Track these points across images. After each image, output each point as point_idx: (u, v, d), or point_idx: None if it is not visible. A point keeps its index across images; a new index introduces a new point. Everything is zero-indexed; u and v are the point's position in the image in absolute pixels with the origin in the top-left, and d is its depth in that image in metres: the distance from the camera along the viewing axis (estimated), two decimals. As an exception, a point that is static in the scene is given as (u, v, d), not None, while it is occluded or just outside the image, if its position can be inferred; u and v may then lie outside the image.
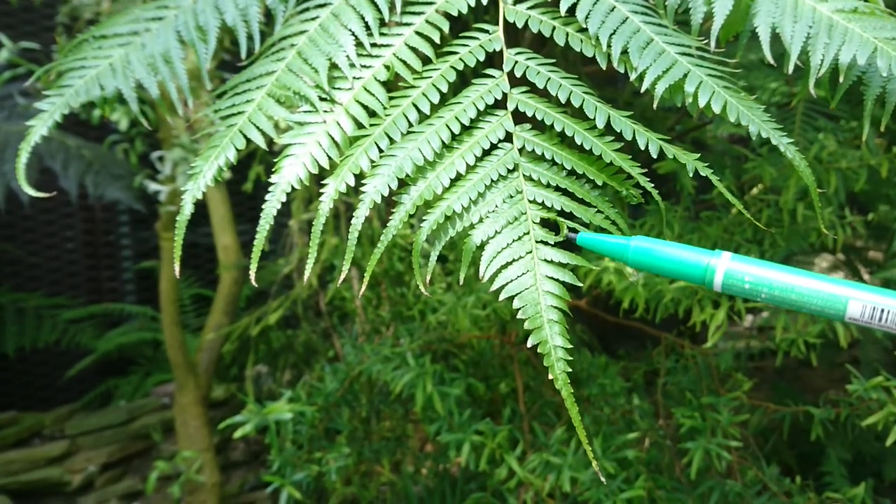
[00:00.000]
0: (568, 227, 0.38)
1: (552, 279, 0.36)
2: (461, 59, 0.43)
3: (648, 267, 0.39)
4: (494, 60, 0.46)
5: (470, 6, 0.44)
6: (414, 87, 0.42)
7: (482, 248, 0.37)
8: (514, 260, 0.37)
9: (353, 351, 1.50)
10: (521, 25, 0.44)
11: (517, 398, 1.41)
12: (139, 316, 2.46)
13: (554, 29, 0.44)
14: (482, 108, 0.41)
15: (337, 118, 0.42)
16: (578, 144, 0.39)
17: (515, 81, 0.43)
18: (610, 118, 0.40)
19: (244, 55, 0.48)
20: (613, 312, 1.32)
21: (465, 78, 0.46)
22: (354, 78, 0.43)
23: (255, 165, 1.68)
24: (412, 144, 0.40)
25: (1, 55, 1.65)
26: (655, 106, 0.39)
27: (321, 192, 0.39)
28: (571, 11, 0.44)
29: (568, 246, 0.37)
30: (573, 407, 0.34)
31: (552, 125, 0.40)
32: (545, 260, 0.36)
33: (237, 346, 1.92)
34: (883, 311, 0.34)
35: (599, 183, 0.39)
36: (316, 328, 1.98)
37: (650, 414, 1.43)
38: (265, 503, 2.00)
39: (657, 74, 0.40)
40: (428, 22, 0.44)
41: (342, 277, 0.38)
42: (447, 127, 0.40)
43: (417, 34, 0.44)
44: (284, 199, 0.40)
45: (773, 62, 0.42)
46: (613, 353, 1.92)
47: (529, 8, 0.46)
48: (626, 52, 0.42)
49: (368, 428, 1.56)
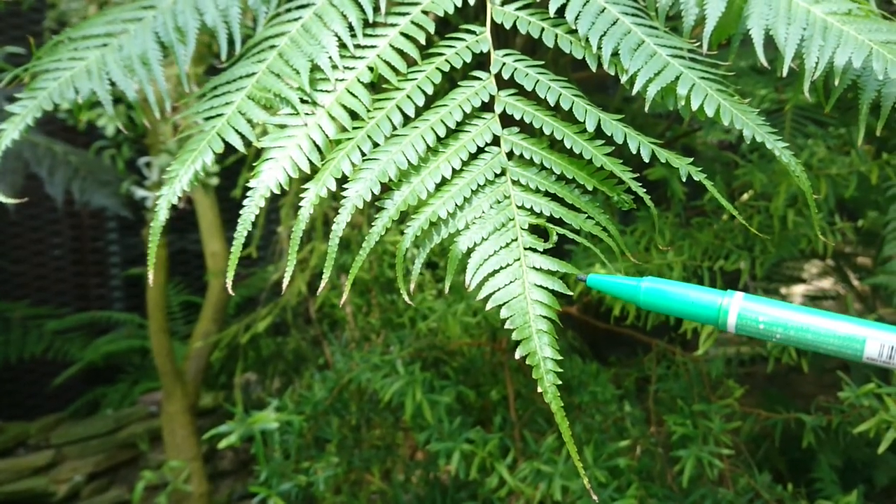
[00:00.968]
0: (578, 276, 0.37)
1: (541, 287, 0.35)
2: (447, 60, 0.42)
3: (660, 308, 0.38)
4: (484, 62, 0.44)
5: (457, 7, 0.43)
6: (398, 89, 0.41)
7: (469, 255, 0.36)
8: (501, 268, 0.35)
9: (342, 359, 1.48)
10: (508, 26, 0.43)
11: (508, 405, 1.39)
12: (127, 323, 2.43)
13: (543, 30, 0.43)
14: (469, 110, 0.40)
15: (318, 121, 0.41)
16: (568, 148, 0.38)
17: (503, 84, 0.42)
18: (600, 121, 0.39)
19: (224, 57, 0.47)
20: (605, 319, 1.31)
21: (454, 80, 0.45)
22: (337, 80, 0.42)
23: (244, 171, 1.66)
24: (396, 148, 0.38)
25: (-14, 59, 1.63)
26: (647, 109, 0.38)
27: (302, 196, 0.38)
28: (561, 13, 0.43)
29: (557, 252, 0.36)
30: (563, 421, 0.32)
31: (541, 129, 0.39)
32: (533, 268, 0.35)
33: (226, 353, 1.89)
34: None
35: (590, 188, 0.38)
36: (305, 335, 1.96)
37: (642, 421, 1.42)
38: (254, 513, 1.98)
39: (649, 77, 0.39)
40: (413, 23, 0.43)
41: (323, 284, 0.36)
42: (432, 130, 0.39)
43: (402, 35, 0.43)
44: (263, 203, 0.39)
45: (766, 65, 0.41)
46: (605, 359, 1.91)
47: (518, 9, 0.44)
48: (616, 53, 0.41)
49: (358, 436, 1.54)
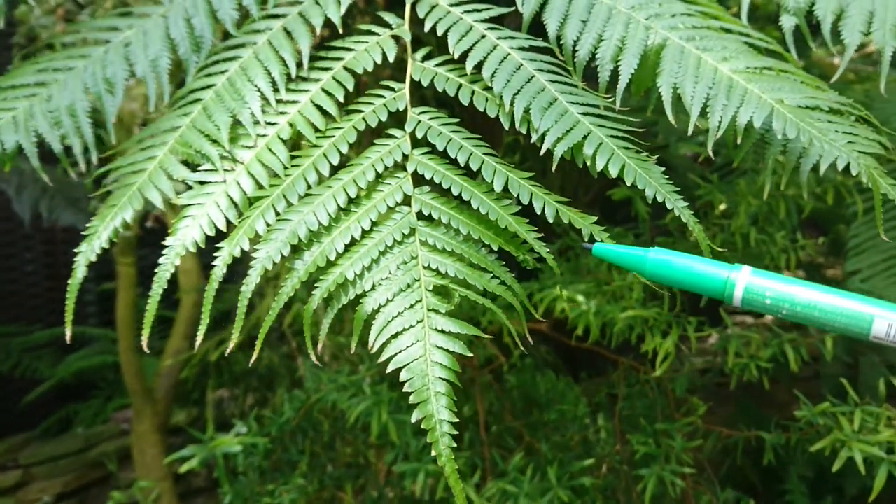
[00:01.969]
0: (584, 244, 0.38)
1: (442, 349, 0.35)
2: (364, 118, 0.43)
3: (666, 280, 0.39)
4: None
5: (376, 63, 0.44)
6: (316, 146, 0.42)
7: (374, 315, 0.37)
8: (404, 329, 0.36)
9: (311, 377, 1.48)
10: (426, 84, 0.44)
11: (480, 422, 1.40)
12: (101, 338, 2.41)
13: (460, 87, 0.44)
14: (382, 170, 0.41)
15: (237, 177, 0.41)
16: (476, 208, 0.39)
17: (418, 141, 0.42)
18: (508, 181, 0.40)
19: (152, 107, 0.48)
20: (579, 335, 1.32)
21: (378, 132, 0.45)
22: (258, 135, 0.43)
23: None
24: (308, 208, 0.39)
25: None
26: (554, 169, 0.39)
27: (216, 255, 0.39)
28: (479, 68, 0.44)
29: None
30: (457, 484, 0.33)
31: (450, 188, 0.40)
32: (436, 329, 0.36)
33: (198, 370, 1.89)
34: None
35: (495, 248, 0.39)
36: (278, 352, 1.96)
37: (610, 435, 1.43)
38: (227, 531, 1.96)
39: (557, 136, 0.40)
40: (334, 79, 0.44)
41: (231, 346, 0.37)
42: (344, 190, 0.40)
43: (323, 91, 0.44)
44: (178, 262, 0.39)
45: (674, 122, 0.43)
46: (579, 372, 1.92)
47: (438, 65, 0.45)
48: (528, 111, 0.42)
49: (331, 454, 1.55)
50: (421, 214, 0.40)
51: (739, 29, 0.51)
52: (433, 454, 1.18)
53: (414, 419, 0.33)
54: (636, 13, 0.47)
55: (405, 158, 0.41)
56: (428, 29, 0.45)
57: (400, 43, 0.47)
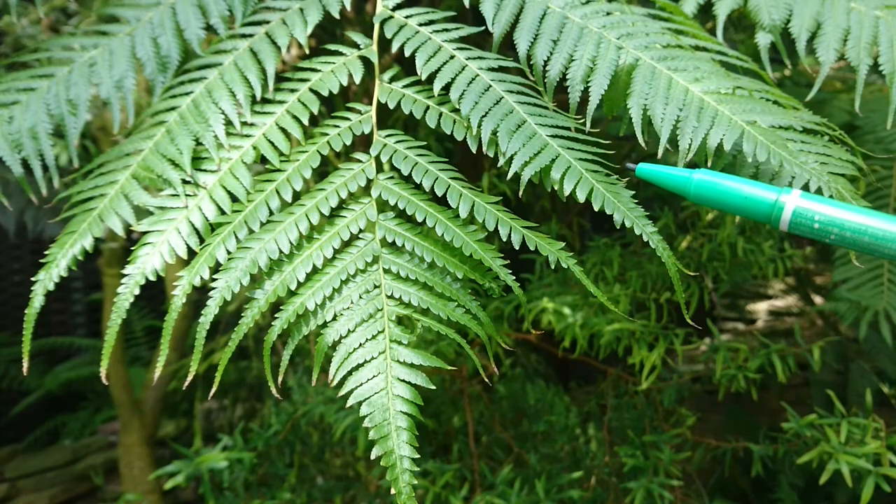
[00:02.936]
0: (627, 164, 0.37)
1: (404, 382, 0.35)
2: (328, 142, 0.42)
3: (712, 202, 0.37)
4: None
5: (342, 85, 0.43)
6: (280, 170, 0.41)
7: (335, 347, 0.36)
8: (366, 361, 0.35)
9: (298, 391, 1.47)
10: (392, 106, 0.43)
11: (469, 433, 1.39)
12: (89, 349, 2.39)
13: (427, 109, 0.43)
14: (346, 195, 0.40)
15: (199, 203, 0.41)
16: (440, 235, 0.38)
17: (383, 166, 0.42)
18: (474, 206, 0.39)
19: (116, 129, 0.47)
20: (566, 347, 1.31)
21: (345, 153, 0.45)
22: (222, 159, 0.42)
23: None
24: (269, 235, 0.38)
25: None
26: (521, 193, 0.38)
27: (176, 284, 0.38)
28: (448, 89, 0.44)
29: (420, 345, 0.36)
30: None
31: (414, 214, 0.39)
32: (399, 361, 0.35)
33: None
34: None
35: (460, 276, 0.38)
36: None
37: (599, 446, 1.42)
38: (215, 544, 1.94)
39: (525, 160, 0.40)
40: (300, 101, 0.43)
41: (189, 379, 0.36)
42: (307, 217, 0.39)
43: (288, 114, 0.43)
44: (138, 291, 0.38)
45: (644, 144, 0.42)
46: (570, 381, 1.91)
47: (405, 86, 0.45)
48: (496, 133, 0.41)
49: (320, 466, 1.53)
50: (385, 241, 0.39)
51: (715, 47, 0.51)
52: (419, 470, 1.16)
53: (373, 456, 0.32)
54: (607, 32, 0.46)
55: (369, 183, 0.41)
56: (395, 49, 0.44)
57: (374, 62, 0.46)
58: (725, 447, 1.26)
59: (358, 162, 0.42)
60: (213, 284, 0.37)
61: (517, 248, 0.37)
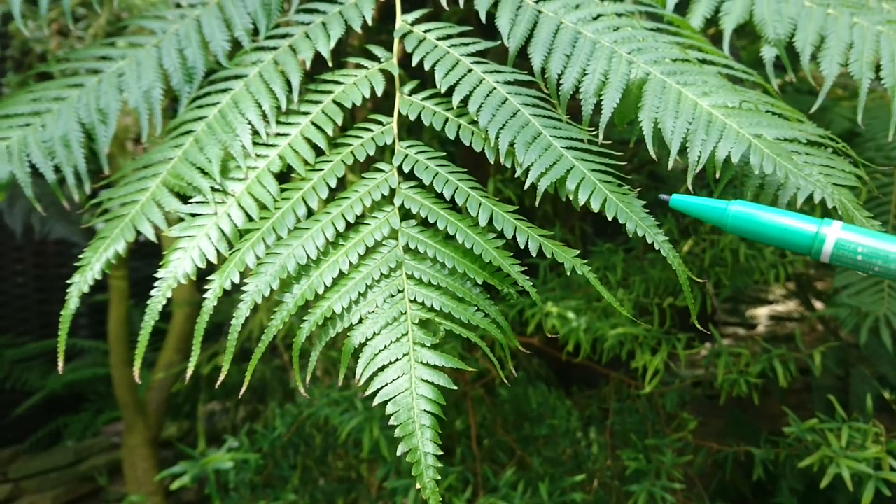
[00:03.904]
0: (660, 195, 0.38)
1: (427, 383, 0.36)
2: (352, 152, 0.43)
3: (749, 233, 0.37)
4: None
5: (365, 97, 0.45)
6: (306, 179, 0.43)
7: (361, 349, 0.37)
8: (391, 362, 0.37)
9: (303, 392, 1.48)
10: (413, 118, 0.45)
11: (471, 436, 1.41)
12: (92, 350, 2.40)
13: (447, 121, 0.45)
14: (370, 203, 0.42)
15: (228, 210, 0.42)
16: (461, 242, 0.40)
17: (406, 175, 0.43)
18: (493, 215, 0.40)
19: (144, 138, 0.48)
20: (570, 350, 1.33)
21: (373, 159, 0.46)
22: (249, 168, 0.44)
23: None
24: (297, 242, 0.40)
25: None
26: (537, 202, 0.40)
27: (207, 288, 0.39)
28: (466, 101, 0.45)
29: (441, 347, 0.38)
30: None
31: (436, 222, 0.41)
32: (422, 363, 0.37)
33: (190, 382, 1.88)
34: None
35: (480, 281, 0.39)
36: (270, 365, 1.96)
37: (601, 450, 1.44)
38: (218, 545, 1.95)
39: (541, 170, 0.41)
40: (324, 112, 0.45)
41: (221, 379, 0.38)
42: (332, 224, 0.40)
43: (313, 124, 0.45)
44: (170, 294, 0.40)
45: (655, 157, 0.44)
46: (571, 385, 1.93)
47: (425, 99, 0.46)
48: (513, 144, 0.43)
49: (322, 468, 1.55)
50: (407, 248, 0.41)
51: (721, 60, 0.53)
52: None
53: (399, 452, 0.34)
54: (619, 47, 0.48)
55: (392, 192, 0.42)
56: (415, 63, 0.46)
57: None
58: (727, 451, 1.28)
59: (381, 172, 0.43)
60: (244, 288, 0.39)
61: (523, 252, 0.39)
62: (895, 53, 0.54)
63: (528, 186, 0.41)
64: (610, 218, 0.40)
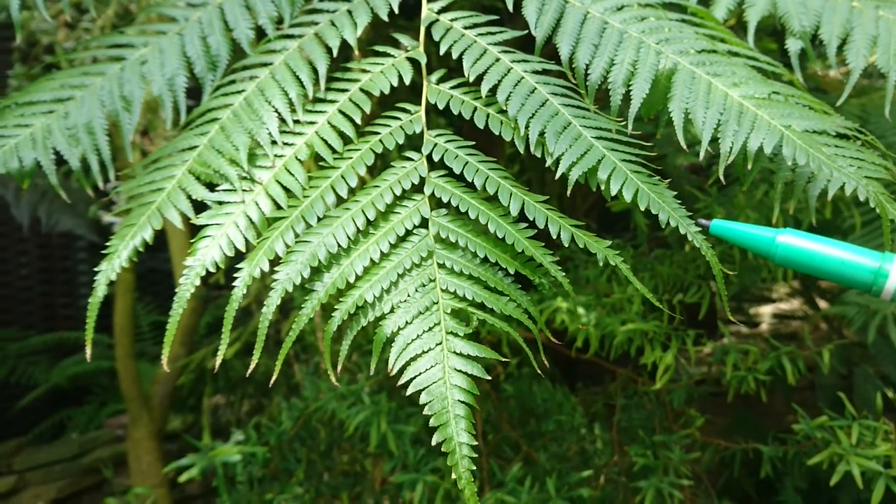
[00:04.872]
0: (700, 221, 0.35)
1: (460, 372, 0.36)
2: (381, 140, 0.43)
3: (800, 266, 0.35)
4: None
5: (392, 86, 0.45)
6: (334, 167, 0.42)
7: (393, 338, 0.37)
8: (423, 352, 0.37)
9: (310, 386, 1.48)
10: (442, 107, 0.45)
11: (476, 432, 1.41)
12: (96, 343, 2.41)
13: (475, 110, 0.44)
14: (399, 192, 0.41)
15: (256, 198, 0.42)
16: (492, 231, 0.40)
17: (435, 164, 0.43)
18: (524, 205, 0.40)
19: (169, 125, 0.48)
20: (576, 346, 1.32)
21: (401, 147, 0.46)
22: (276, 156, 0.43)
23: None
24: (327, 230, 0.39)
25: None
26: (569, 193, 0.40)
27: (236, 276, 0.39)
28: (494, 91, 0.45)
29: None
30: (472, 497, 0.34)
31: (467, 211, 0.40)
32: (455, 352, 0.37)
33: (195, 376, 1.88)
34: None
35: (511, 271, 0.39)
36: (275, 358, 1.96)
37: (607, 446, 1.44)
38: (222, 538, 1.96)
39: (572, 160, 0.41)
40: (351, 100, 0.45)
41: (252, 366, 0.37)
42: (363, 212, 0.40)
43: (340, 113, 0.44)
44: (199, 282, 0.40)
45: (685, 147, 0.43)
46: (576, 382, 1.93)
47: (452, 87, 0.46)
48: (543, 134, 0.42)
49: (327, 462, 1.55)
50: (438, 237, 0.40)
51: (746, 52, 0.52)
52: (430, 466, 1.17)
53: (434, 442, 0.34)
54: (647, 37, 0.48)
55: (422, 181, 0.42)
56: (443, 52, 0.46)
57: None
58: (734, 448, 1.27)
59: (410, 161, 0.43)
60: (275, 277, 0.38)
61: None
62: (921, 47, 0.54)
63: (559, 176, 0.41)
64: (642, 209, 0.40)
